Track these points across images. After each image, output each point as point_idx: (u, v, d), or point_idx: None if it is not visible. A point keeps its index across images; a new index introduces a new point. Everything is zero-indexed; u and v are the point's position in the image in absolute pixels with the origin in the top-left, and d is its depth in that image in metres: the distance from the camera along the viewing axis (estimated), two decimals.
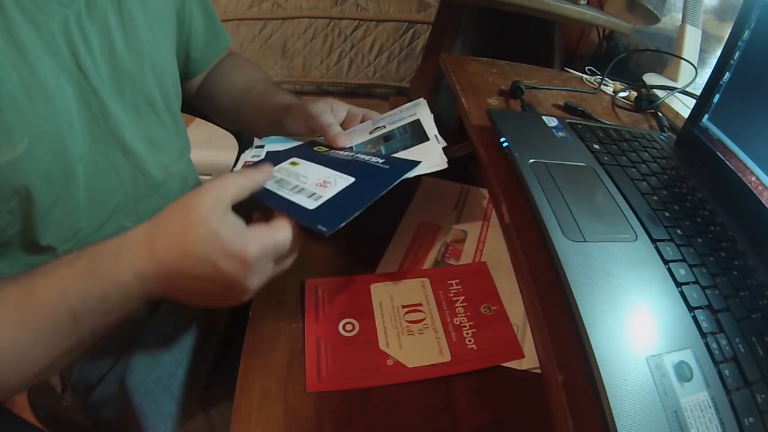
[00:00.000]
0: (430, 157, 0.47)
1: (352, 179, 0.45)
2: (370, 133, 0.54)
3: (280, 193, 0.44)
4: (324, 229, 0.40)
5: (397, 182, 0.44)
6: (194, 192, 0.38)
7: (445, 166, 0.46)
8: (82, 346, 0.37)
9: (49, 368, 0.37)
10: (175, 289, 0.38)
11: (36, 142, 0.38)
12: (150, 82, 0.49)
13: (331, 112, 0.54)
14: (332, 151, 0.52)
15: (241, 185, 0.40)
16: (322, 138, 0.55)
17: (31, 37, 0.37)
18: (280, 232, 0.39)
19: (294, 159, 0.50)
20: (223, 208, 0.37)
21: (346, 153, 0.51)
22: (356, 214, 0.41)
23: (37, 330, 0.34)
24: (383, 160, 0.48)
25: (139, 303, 0.37)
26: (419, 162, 0.46)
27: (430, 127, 0.51)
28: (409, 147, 0.49)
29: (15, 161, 0.37)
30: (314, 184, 0.45)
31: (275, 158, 0.51)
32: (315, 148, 0.53)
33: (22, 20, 0.37)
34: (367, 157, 0.49)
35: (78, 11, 0.41)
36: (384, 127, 0.54)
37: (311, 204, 0.43)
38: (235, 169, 0.54)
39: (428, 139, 0.49)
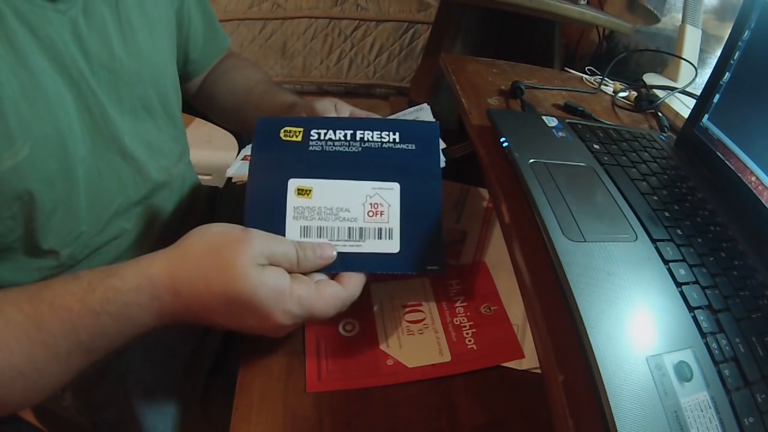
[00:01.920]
0: None
1: (396, 185, 0.39)
2: None
3: (343, 250, 0.38)
4: (437, 267, 0.35)
5: (440, 156, 0.39)
6: (231, 241, 0.35)
7: (443, 165, 0.46)
8: (93, 367, 0.37)
9: (59, 388, 0.36)
10: (198, 322, 0.37)
11: (38, 147, 0.38)
12: (148, 87, 0.49)
13: (335, 112, 0.54)
14: (321, 136, 0.42)
15: (288, 254, 0.37)
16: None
17: (29, 42, 0.37)
18: (323, 304, 0.36)
19: (293, 183, 0.40)
20: (261, 263, 0.35)
21: (341, 136, 0.42)
22: (441, 224, 0.36)
23: (45, 360, 0.33)
24: (396, 131, 0.41)
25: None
26: (436, 122, 0.42)
27: None
28: None
29: (18, 166, 0.37)
30: (367, 216, 0.38)
31: (265, 179, 0.41)
32: (285, 137, 0.42)
33: (20, 26, 0.37)
34: (377, 136, 0.42)
35: (75, 17, 0.41)
36: None
37: (392, 246, 0.37)
38: (235, 159, 0.53)
39: None
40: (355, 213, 0.38)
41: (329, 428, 0.40)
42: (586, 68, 0.81)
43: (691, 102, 0.64)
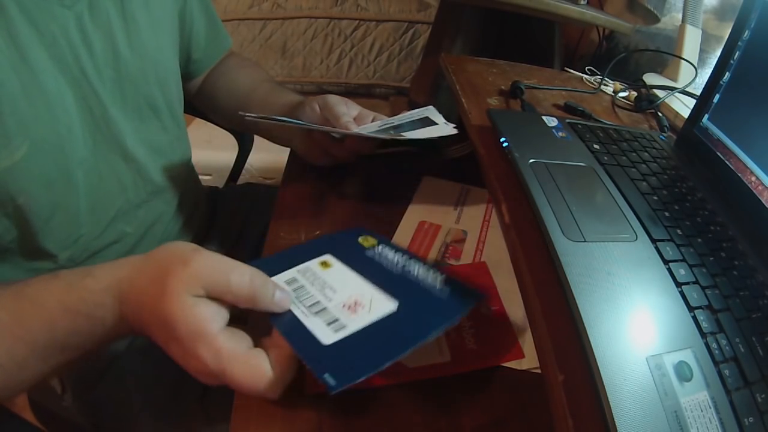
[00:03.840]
0: (438, 129, 0.51)
1: (393, 305, 0.36)
2: (379, 127, 0.55)
3: (292, 308, 0.35)
4: (332, 382, 0.30)
5: (452, 323, 0.36)
6: (177, 260, 0.32)
7: (455, 131, 0.50)
8: (72, 365, 0.37)
9: (35, 384, 0.36)
10: (144, 334, 0.35)
11: (35, 148, 0.38)
12: (152, 86, 0.49)
13: (344, 105, 0.55)
14: (381, 250, 0.43)
15: (233, 287, 0.32)
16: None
17: (32, 38, 0.37)
18: (240, 371, 0.31)
19: (327, 258, 0.40)
20: (196, 294, 0.31)
21: (397, 258, 0.41)
22: (382, 368, 0.31)
23: (24, 355, 0.34)
24: (441, 281, 0.38)
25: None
26: (483, 295, 0.39)
27: (439, 119, 0.54)
28: (418, 129, 0.52)
29: (14, 167, 0.37)
30: (341, 305, 0.35)
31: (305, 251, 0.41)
32: (360, 240, 0.44)
33: (22, 20, 0.36)
34: (422, 272, 0.40)
35: (80, 13, 0.40)
36: (393, 122, 0.55)
37: (328, 336, 0.33)
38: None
39: (436, 123, 0.53)
40: (337, 298, 0.36)
41: (329, 428, 0.40)
42: (586, 68, 0.81)
43: (691, 102, 0.64)
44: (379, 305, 0.36)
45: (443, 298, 0.37)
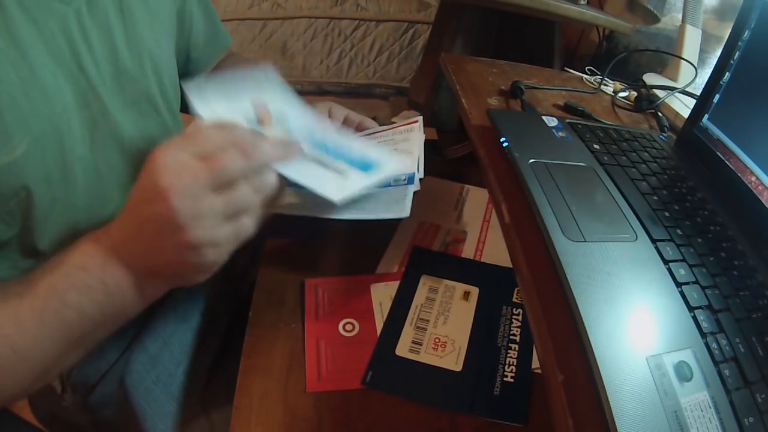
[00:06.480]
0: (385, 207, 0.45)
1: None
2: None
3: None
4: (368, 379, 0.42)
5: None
6: (146, 165, 0.37)
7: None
8: (81, 349, 0.37)
9: (46, 373, 0.36)
10: (135, 261, 0.37)
11: (35, 144, 0.38)
12: (151, 81, 0.49)
13: (328, 118, 0.55)
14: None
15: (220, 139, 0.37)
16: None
17: (31, 35, 0.37)
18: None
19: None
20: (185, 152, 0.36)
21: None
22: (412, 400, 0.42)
23: (31, 324, 0.34)
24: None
25: (123, 298, 0.37)
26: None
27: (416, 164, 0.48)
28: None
29: (14, 163, 0.37)
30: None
31: None
32: None
33: (22, 17, 0.36)
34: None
35: (78, 9, 0.40)
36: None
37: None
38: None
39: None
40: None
41: (329, 428, 0.40)
42: (586, 68, 0.81)
43: (691, 102, 0.64)
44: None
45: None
